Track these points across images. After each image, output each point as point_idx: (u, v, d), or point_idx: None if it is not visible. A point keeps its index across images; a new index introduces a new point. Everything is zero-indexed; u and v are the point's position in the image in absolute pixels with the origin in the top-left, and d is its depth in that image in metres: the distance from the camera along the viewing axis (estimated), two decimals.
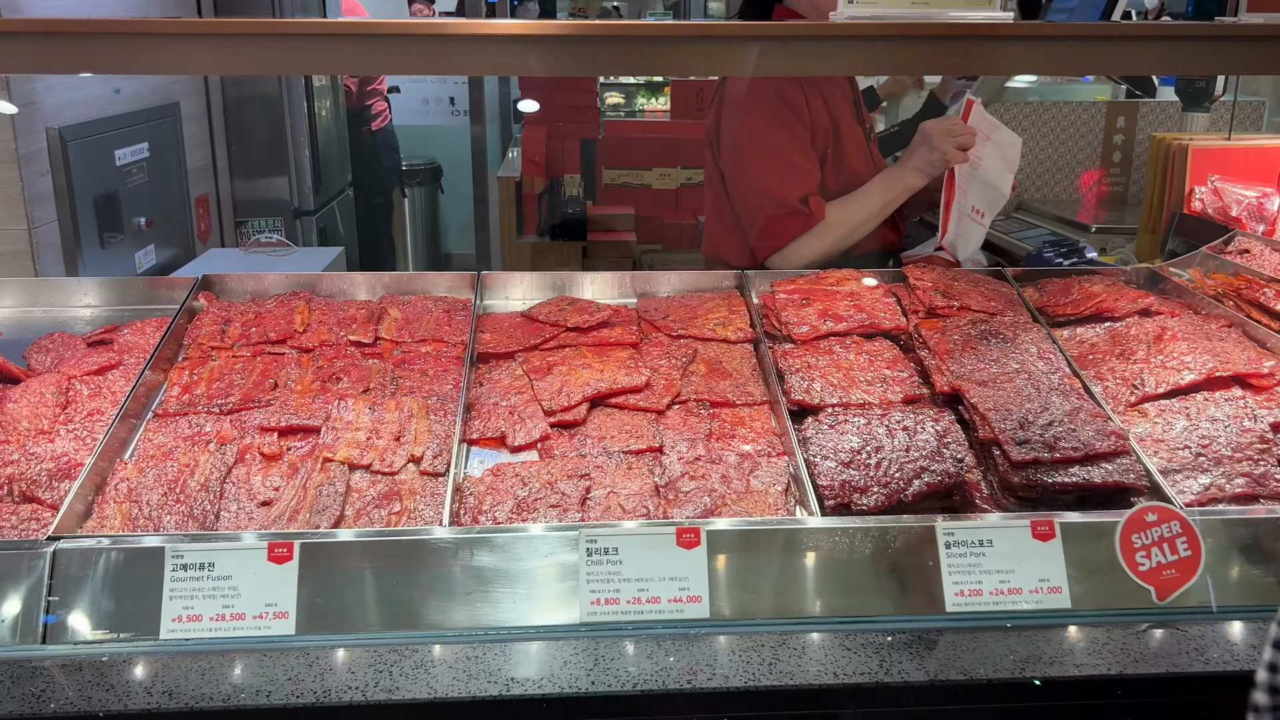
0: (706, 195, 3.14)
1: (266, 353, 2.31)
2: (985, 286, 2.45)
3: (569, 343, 2.32)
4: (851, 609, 1.72)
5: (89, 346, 2.28)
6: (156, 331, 2.34)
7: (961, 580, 1.73)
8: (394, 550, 1.72)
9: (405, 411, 2.09)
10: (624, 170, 8.07)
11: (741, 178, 2.80)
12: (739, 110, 2.77)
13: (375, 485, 1.92)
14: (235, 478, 1.92)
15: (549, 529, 1.75)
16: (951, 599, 1.72)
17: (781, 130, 2.74)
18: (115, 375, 2.16)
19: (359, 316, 2.43)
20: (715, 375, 2.24)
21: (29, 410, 2.03)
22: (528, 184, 7.49)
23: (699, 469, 1.95)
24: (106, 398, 2.09)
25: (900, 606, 1.73)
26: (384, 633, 1.68)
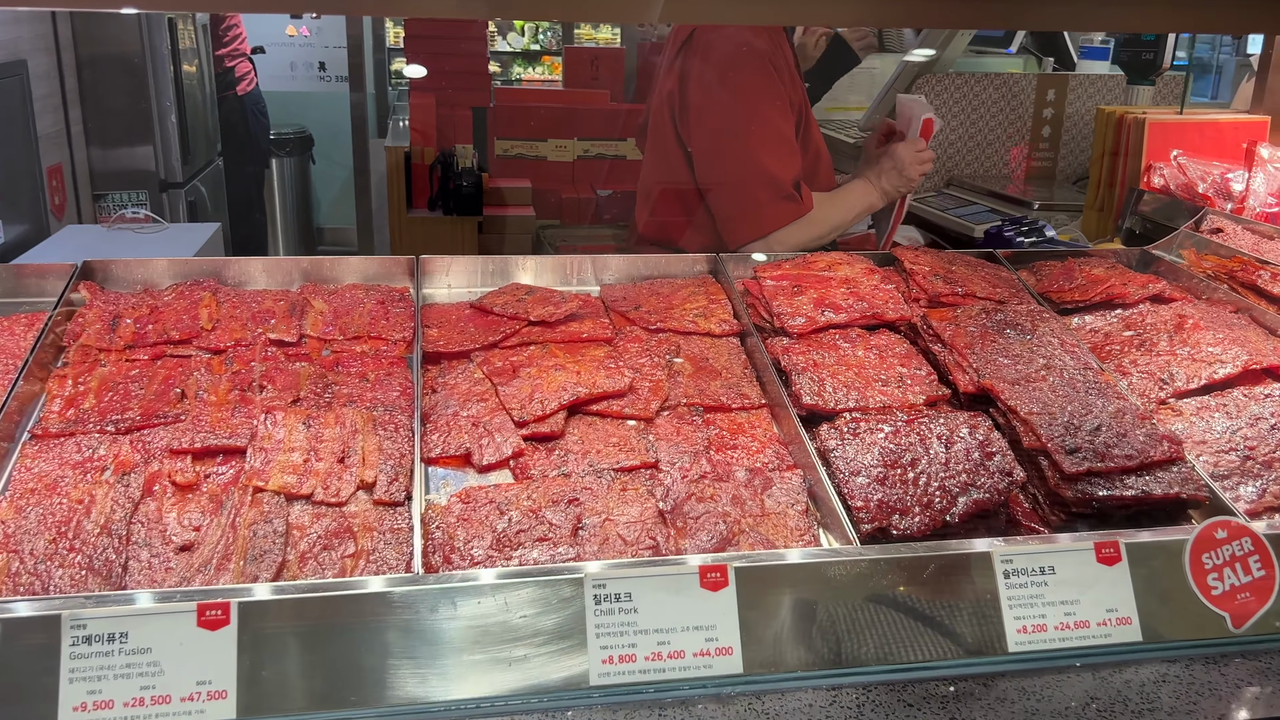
0: (653, 170, 2.84)
1: (168, 355, 1.92)
2: (984, 271, 2.24)
3: (533, 339, 2.00)
4: (903, 654, 1.48)
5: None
6: (28, 330, 1.92)
7: (1024, 615, 1.51)
8: (356, 606, 1.38)
9: (348, 426, 1.74)
10: (518, 141, 7.68)
11: (730, 154, 2.50)
12: (725, 75, 2.48)
13: (320, 520, 1.58)
14: (144, 516, 1.55)
15: (546, 574, 1.44)
16: (1014, 637, 1.50)
17: (776, 103, 2.46)
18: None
19: (277, 310, 2.06)
20: (703, 375, 1.96)
21: None
22: (417, 154, 7.04)
23: (706, 489, 1.67)
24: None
25: (957, 648, 1.49)
26: (348, 711, 1.35)
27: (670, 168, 2.69)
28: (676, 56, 2.59)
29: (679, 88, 2.58)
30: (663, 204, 2.76)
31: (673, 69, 2.60)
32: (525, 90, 8.92)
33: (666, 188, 2.72)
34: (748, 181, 2.45)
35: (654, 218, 2.85)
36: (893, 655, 1.47)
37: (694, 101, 2.52)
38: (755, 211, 2.45)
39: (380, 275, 2.23)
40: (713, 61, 2.49)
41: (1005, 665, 1.49)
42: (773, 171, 2.44)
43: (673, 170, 2.67)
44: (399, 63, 9.74)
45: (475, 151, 7.25)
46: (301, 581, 1.42)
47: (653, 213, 2.85)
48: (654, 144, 2.71)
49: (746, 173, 2.44)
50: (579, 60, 8.34)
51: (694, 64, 2.53)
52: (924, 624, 1.49)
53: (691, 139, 2.55)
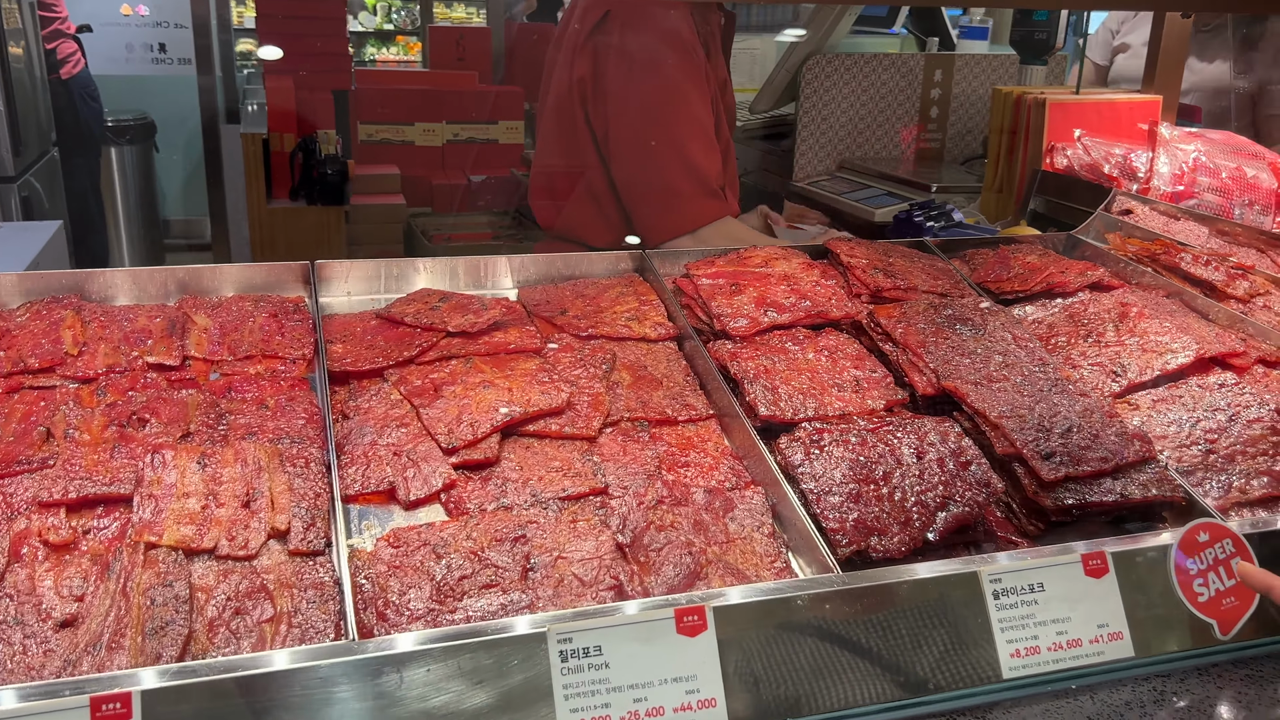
0: (555, 159, 2.66)
1: (26, 387, 1.65)
2: (921, 262, 2.15)
3: (454, 352, 1.80)
4: (896, 689, 1.36)
5: None
6: None
7: (1016, 637, 1.41)
8: (284, 684, 1.18)
9: (250, 464, 1.52)
10: (382, 125, 7.35)
11: (651, 146, 2.32)
12: (649, 59, 2.30)
13: (228, 579, 1.36)
14: (11, 586, 1.30)
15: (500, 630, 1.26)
16: (1007, 662, 1.39)
17: (701, 92, 2.30)
18: None
19: (154, 329, 1.80)
20: (643, 385, 1.80)
21: None
22: (275, 141, 6.63)
23: (664, 515, 1.51)
24: None
25: (951, 678, 1.38)
26: None
27: (576, 156, 2.50)
28: (589, 37, 2.40)
29: (592, 72, 2.39)
30: (567, 195, 2.57)
31: (584, 50, 2.41)
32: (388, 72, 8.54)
33: (572, 178, 2.53)
34: (669, 175, 2.29)
35: (557, 209, 2.66)
36: (886, 692, 1.35)
37: (612, 88, 2.34)
38: (678, 207, 2.29)
39: (269, 284, 1.99)
40: (633, 45, 2.31)
41: (1001, 693, 1.39)
42: (699, 165, 2.29)
43: (580, 159, 2.49)
44: (246, 43, 9.22)
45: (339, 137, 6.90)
46: (215, 660, 1.20)
47: (555, 204, 2.66)
48: (558, 131, 2.52)
49: (669, 166, 2.28)
50: (444, 40, 8.04)
51: (611, 47, 2.35)
52: (916, 655, 1.37)
53: (608, 127, 2.37)
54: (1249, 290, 2.27)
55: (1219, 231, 2.65)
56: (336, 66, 7.09)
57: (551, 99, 2.61)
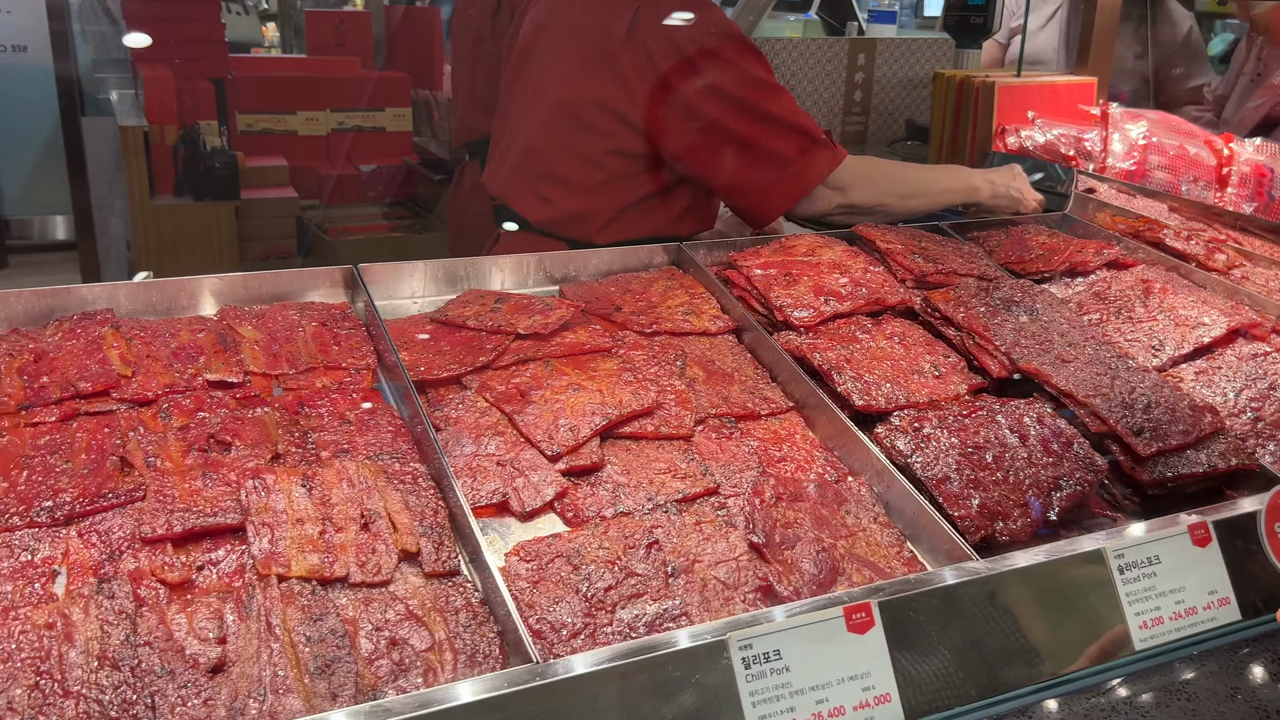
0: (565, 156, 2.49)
1: (82, 413, 1.51)
2: (949, 246, 2.19)
3: (529, 355, 1.74)
4: (1045, 668, 1.39)
5: None
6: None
7: (1142, 609, 1.45)
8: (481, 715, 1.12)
9: (357, 483, 1.43)
10: (263, 115, 7.05)
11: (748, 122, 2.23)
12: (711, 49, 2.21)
13: (370, 608, 1.28)
14: (148, 633, 1.19)
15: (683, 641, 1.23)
16: (1137, 634, 1.44)
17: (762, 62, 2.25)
18: None
19: (202, 343, 1.67)
20: (716, 380, 1.78)
21: None
22: (155, 134, 6.29)
23: (785, 513, 1.50)
24: None
25: (1089, 654, 1.42)
26: None
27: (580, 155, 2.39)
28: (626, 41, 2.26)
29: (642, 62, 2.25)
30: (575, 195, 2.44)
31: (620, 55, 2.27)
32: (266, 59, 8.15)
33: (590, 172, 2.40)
34: (769, 142, 2.22)
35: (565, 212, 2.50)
36: (1037, 672, 1.37)
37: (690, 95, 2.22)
38: (796, 169, 2.22)
39: (304, 288, 1.87)
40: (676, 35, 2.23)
41: (1137, 664, 1.43)
42: (799, 122, 2.24)
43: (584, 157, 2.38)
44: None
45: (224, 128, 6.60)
46: (410, 696, 1.13)
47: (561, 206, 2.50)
48: (570, 130, 2.38)
49: (765, 133, 2.22)
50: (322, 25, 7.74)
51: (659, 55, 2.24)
52: (1057, 633, 1.41)
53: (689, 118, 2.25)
54: (1225, 263, 2.40)
55: (1172, 208, 2.80)
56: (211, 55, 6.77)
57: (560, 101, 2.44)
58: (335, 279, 1.89)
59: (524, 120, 2.56)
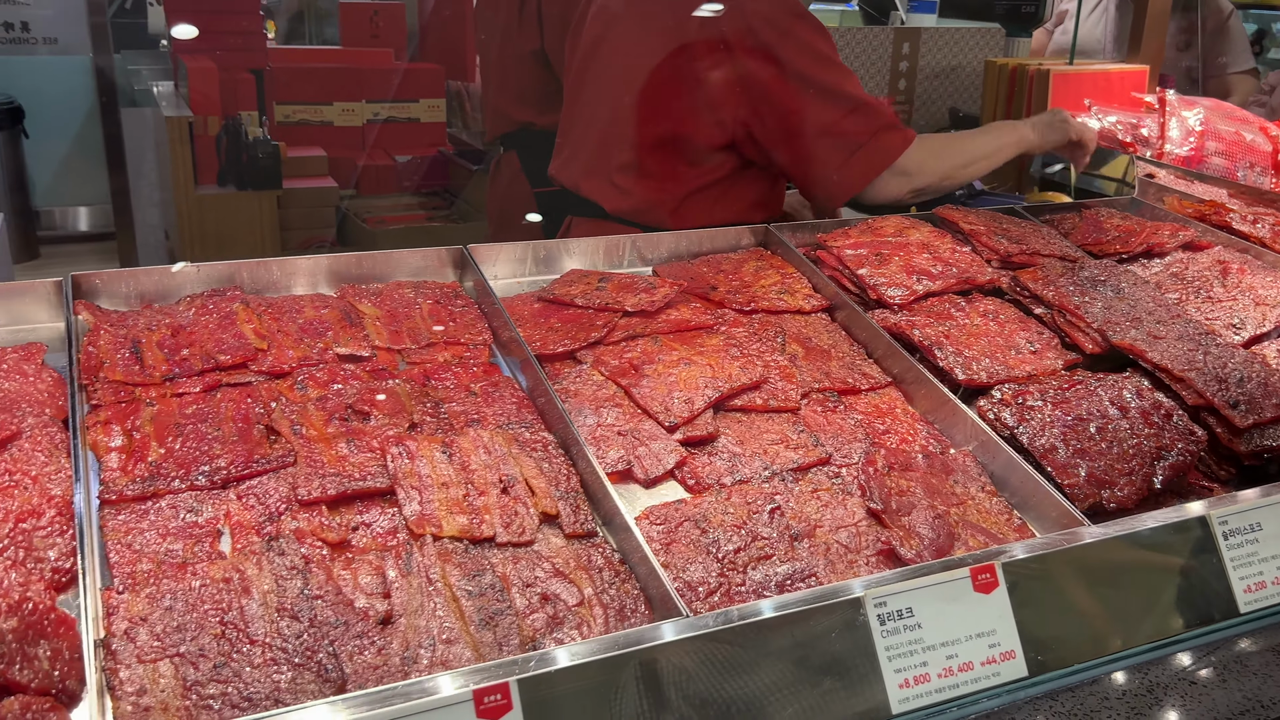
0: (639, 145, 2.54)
1: (224, 384, 1.58)
2: (1028, 227, 2.24)
3: (636, 331, 1.80)
4: (1153, 629, 1.44)
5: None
6: (37, 368, 1.52)
7: (1246, 574, 1.51)
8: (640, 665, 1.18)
9: (493, 451, 1.50)
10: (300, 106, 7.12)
11: (820, 105, 2.28)
12: (784, 30, 2.26)
13: (517, 566, 1.34)
14: (319, 588, 1.25)
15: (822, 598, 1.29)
16: (1242, 597, 1.50)
17: (829, 42, 2.30)
18: (25, 448, 1.36)
19: (328, 319, 1.74)
20: (816, 356, 1.84)
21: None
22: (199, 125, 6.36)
23: (898, 482, 1.56)
24: (28, 488, 1.30)
25: (1198, 616, 1.47)
26: None
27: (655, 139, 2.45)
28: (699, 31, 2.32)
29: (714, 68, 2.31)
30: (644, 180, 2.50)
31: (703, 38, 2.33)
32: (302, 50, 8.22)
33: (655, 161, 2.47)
34: (843, 125, 2.28)
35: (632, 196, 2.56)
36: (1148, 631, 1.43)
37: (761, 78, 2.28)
38: (867, 151, 2.28)
39: (417, 270, 1.94)
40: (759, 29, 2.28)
41: (1241, 627, 1.49)
42: (864, 104, 2.29)
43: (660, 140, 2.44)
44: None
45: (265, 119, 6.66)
46: (580, 644, 1.19)
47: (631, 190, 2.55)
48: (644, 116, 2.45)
49: (837, 117, 2.27)
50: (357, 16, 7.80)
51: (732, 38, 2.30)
52: (1164, 596, 1.46)
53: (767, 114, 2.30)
54: None
55: (1231, 194, 2.84)
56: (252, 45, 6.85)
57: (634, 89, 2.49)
58: (443, 259, 1.95)
59: (597, 111, 2.62)
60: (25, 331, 1.70)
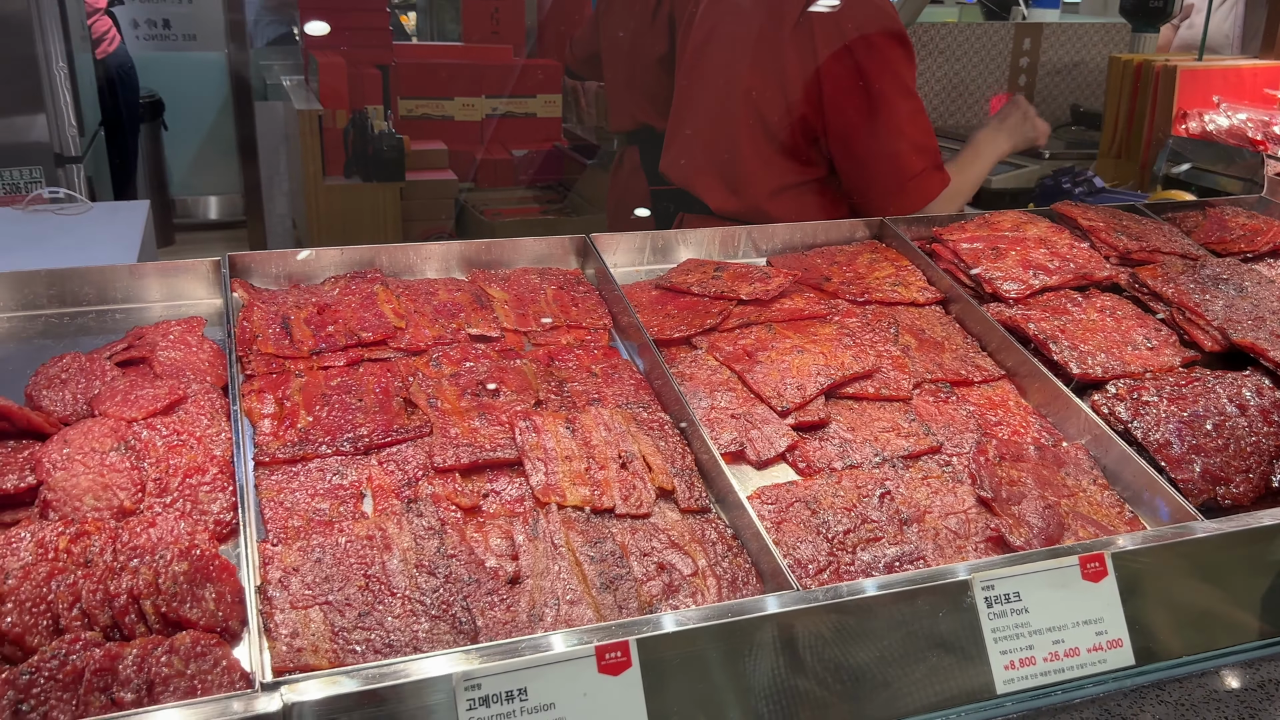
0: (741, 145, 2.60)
1: (366, 359, 1.69)
2: (1148, 225, 2.22)
3: (751, 319, 1.86)
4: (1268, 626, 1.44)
5: (119, 368, 1.57)
6: (198, 340, 1.66)
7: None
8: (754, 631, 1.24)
9: (612, 428, 1.57)
10: (423, 100, 7.31)
11: (886, 127, 2.34)
12: (872, 44, 2.31)
13: (635, 536, 1.42)
14: (453, 548, 1.35)
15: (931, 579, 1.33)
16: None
17: (913, 69, 2.35)
18: (190, 411, 1.49)
19: (460, 301, 1.84)
20: (929, 348, 1.87)
21: (92, 480, 1.34)
22: (328, 118, 6.59)
23: (1009, 472, 1.59)
24: (193, 447, 1.42)
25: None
26: None
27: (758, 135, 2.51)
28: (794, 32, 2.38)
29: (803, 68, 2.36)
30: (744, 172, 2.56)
31: (796, 31, 2.38)
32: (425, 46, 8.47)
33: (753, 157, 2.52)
34: (905, 155, 2.33)
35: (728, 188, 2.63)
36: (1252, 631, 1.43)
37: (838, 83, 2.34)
38: (916, 185, 2.33)
39: (541, 257, 2.03)
40: (850, 36, 2.32)
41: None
42: (926, 143, 2.34)
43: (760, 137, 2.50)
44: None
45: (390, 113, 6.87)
46: (695, 609, 1.26)
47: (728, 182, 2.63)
48: (745, 117, 2.51)
49: (900, 146, 2.32)
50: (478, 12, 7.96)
51: (812, 26, 2.36)
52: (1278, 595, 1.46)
53: (835, 118, 2.37)
54: None
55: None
56: (379, 41, 7.05)
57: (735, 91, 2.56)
58: (566, 247, 2.04)
59: (704, 110, 2.69)
60: (185, 306, 1.85)
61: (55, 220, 3.96)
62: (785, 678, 1.24)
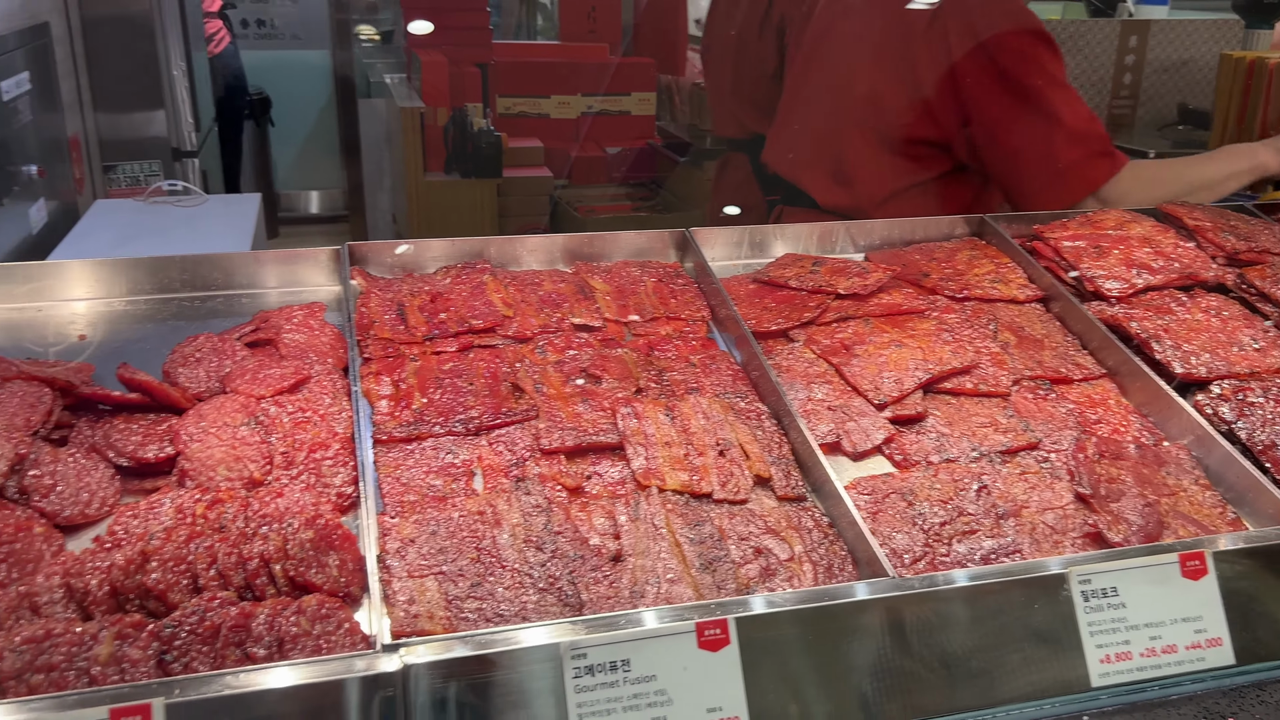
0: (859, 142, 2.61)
1: (475, 346, 1.77)
2: (1257, 224, 2.18)
3: (848, 313, 1.89)
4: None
5: (248, 349, 1.67)
6: (320, 323, 1.75)
7: None
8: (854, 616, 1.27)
9: (710, 417, 1.62)
10: (520, 98, 7.41)
11: (1035, 120, 2.33)
12: (1011, 39, 2.31)
13: (733, 521, 1.46)
14: (559, 525, 1.41)
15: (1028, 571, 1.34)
16: None
17: (1058, 61, 2.34)
18: (314, 391, 1.58)
19: (564, 292, 1.91)
20: (1028, 345, 1.87)
21: (225, 452, 1.43)
22: (429, 115, 6.74)
23: (1108, 470, 1.58)
24: (317, 424, 1.51)
25: None
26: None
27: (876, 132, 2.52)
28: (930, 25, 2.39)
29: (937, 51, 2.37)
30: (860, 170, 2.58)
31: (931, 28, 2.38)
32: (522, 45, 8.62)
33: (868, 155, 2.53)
34: (1056, 144, 2.30)
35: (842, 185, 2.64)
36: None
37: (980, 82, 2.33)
38: (1076, 170, 2.30)
39: (640, 250, 2.08)
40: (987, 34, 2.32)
41: None
42: (1087, 128, 2.31)
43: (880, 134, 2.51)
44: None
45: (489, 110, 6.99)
46: (788, 593, 1.30)
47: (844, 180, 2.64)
48: (867, 114, 2.52)
49: (1054, 136, 2.30)
50: (576, 11, 8.05)
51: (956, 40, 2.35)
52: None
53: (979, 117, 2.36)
54: None
55: None
56: (480, 40, 7.18)
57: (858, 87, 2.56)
58: (665, 240, 2.09)
59: (819, 104, 2.70)
60: (304, 292, 1.94)
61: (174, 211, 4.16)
62: (881, 663, 1.27)
